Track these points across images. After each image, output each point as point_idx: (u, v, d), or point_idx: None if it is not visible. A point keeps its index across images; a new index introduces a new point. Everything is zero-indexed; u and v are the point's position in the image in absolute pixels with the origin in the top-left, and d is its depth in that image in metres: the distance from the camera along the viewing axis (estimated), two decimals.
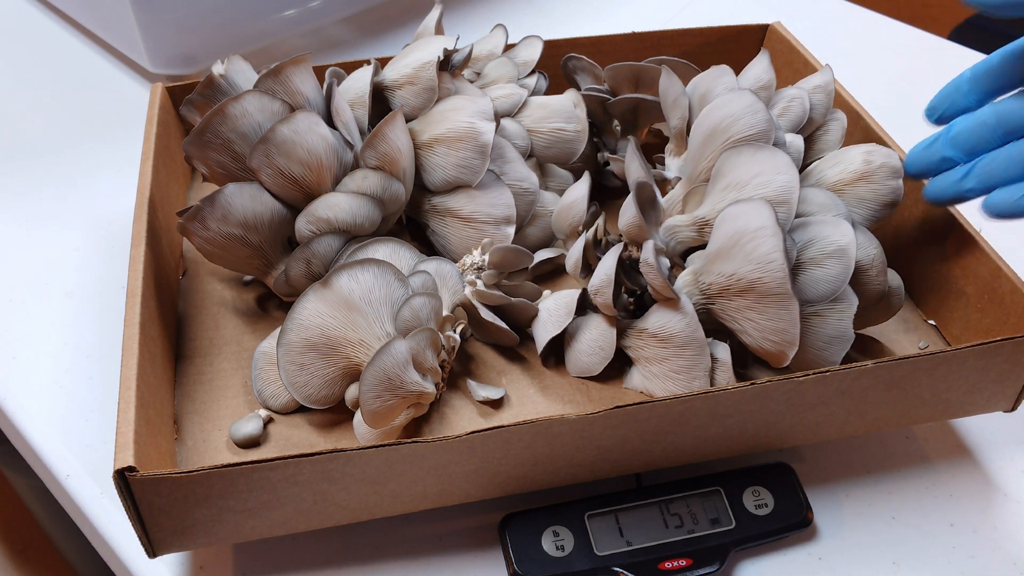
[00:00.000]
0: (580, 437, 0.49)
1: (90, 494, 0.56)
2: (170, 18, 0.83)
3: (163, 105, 0.69)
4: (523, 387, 0.59)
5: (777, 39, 0.80)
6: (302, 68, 0.61)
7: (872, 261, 0.58)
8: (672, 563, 0.51)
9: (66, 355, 0.63)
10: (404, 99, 0.65)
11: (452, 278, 0.60)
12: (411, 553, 0.53)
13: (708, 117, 0.61)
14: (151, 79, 0.90)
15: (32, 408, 0.60)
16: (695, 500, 0.53)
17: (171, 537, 0.47)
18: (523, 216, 0.65)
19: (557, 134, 0.68)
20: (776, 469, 0.55)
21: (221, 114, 0.57)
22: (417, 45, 0.67)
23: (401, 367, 0.52)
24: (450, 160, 0.62)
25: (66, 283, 0.69)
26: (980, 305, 0.59)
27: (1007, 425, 0.61)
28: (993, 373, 0.54)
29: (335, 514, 0.49)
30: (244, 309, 0.64)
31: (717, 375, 0.55)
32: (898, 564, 0.54)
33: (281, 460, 0.45)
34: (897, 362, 0.51)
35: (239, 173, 0.59)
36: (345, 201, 0.58)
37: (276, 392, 0.56)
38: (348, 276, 0.54)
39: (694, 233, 0.59)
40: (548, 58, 0.74)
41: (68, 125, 0.85)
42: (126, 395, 0.47)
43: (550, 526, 0.52)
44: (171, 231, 0.65)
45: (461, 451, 0.47)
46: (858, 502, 0.57)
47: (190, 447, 0.54)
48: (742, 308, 0.54)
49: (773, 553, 0.54)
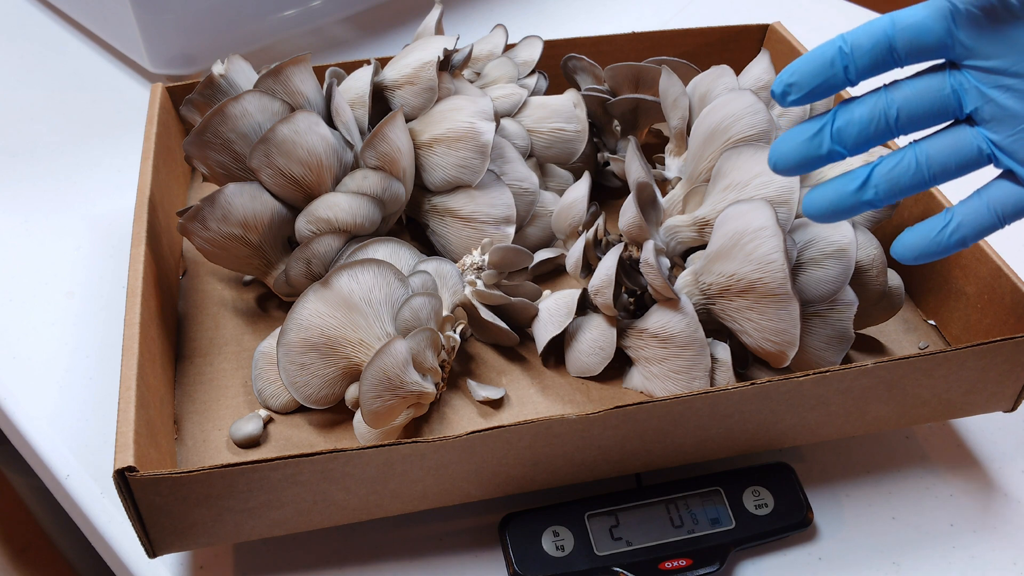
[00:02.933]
0: (580, 437, 0.49)
1: (90, 494, 0.56)
2: (170, 18, 0.83)
3: (163, 105, 0.69)
4: (523, 387, 0.59)
5: (777, 39, 0.80)
6: (302, 68, 0.61)
7: (872, 261, 0.58)
8: (672, 563, 0.51)
9: (66, 355, 0.63)
10: (404, 99, 0.65)
11: (452, 278, 0.60)
12: (411, 553, 0.53)
13: (708, 117, 0.61)
14: (151, 79, 0.90)
15: (32, 408, 0.60)
16: (695, 500, 0.53)
17: (171, 537, 0.47)
18: (523, 216, 0.65)
19: (557, 134, 0.68)
20: (776, 469, 0.55)
21: (221, 114, 0.57)
22: (417, 45, 0.67)
23: (401, 367, 0.52)
24: (450, 160, 0.62)
25: (66, 283, 0.69)
26: (980, 305, 0.59)
27: (1007, 425, 0.61)
28: (993, 373, 0.54)
29: (335, 514, 0.49)
30: (244, 309, 0.64)
31: (717, 375, 0.55)
32: (898, 564, 0.54)
33: (281, 460, 0.45)
34: (897, 362, 0.51)
35: (239, 173, 0.59)
36: (345, 201, 0.58)
37: (276, 392, 0.56)
38: (348, 276, 0.54)
39: (694, 233, 0.59)
40: (548, 58, 0.74)
41: (68, 125, 0.85)
42: (126, 395, 0.47)
43: (550, 526, 0.52)
44: (171, 231, 0.65)
45: (461, 451, 0.47)
46: (858, 502, 0.57)
47: (190, 447, 0.54)
48: (742, 308, 0.54)
49: (773, 553, 0.54)
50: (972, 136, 0.45)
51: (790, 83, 0.45)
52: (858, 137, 0.45)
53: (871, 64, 0.44)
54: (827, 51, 0.44)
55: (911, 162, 0.45)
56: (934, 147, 0.45)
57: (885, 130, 0.45)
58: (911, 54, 0.44)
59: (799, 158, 0.46)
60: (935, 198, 0.62)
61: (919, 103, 0.45)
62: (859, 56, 0.44)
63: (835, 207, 0.47)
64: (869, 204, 0.46)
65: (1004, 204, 0.46)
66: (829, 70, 0.44)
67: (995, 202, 0.46)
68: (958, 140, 0.45)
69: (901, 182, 0.45)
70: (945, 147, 0.45)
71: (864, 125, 0.45)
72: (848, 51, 0.44)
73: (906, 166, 0.45)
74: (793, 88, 0.45)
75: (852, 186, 0.46)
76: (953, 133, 0.45)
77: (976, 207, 0.46)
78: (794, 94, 0.45)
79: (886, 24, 0.44)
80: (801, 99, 0.45)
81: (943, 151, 0.45)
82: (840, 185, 0.46)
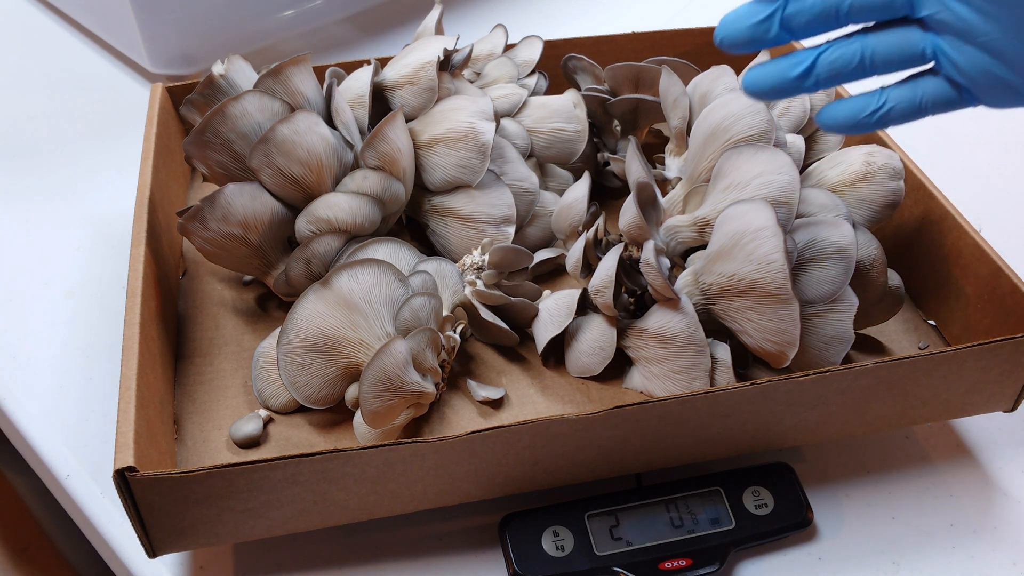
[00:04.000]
0: (580, 437, 0.49)
1: (90, 494, 0.56)
2: (170, 18, 0.83)
3: (163, 105, 0.69)
4: (523, 387, 0.59)
5: None
6: (302, 68, 0.61)
7: (872, 261, 0.58)
8: (672, 563, 0.51)
9: (66, 355, 0.63)
10: (404, 99, 0.65)
11: (452, 278, 0.60)
12: (411, 553, 0.53)
13: (709, 117, 0.61)
14: (151, 79, 0.90)
15: (32, 408, 0.60)
16: (695, 500, 0.53)
17: (171, 537, 0.47)
18: (523, 216, 0.65)
19: (557, 134, 0.68)
20: (776, 469, 0.55)
21: (221, 114, 0.57)
22: (417, 45, 0.67)
23: (401, 367, 0.52)
24: (450, 160, 0.62)
25: (66, 283, 0.69)
26: (980, 305, 0.59)
27: (1007, 425, 0.61)
28: (993, 373, 0.54)
29: (335, 514, 0.49)
30: (244, 309, 0.64)
31: (717, 375, 0.55)
32: (898, 564, 0.54)
33: (281, 460, 0.45)
34: (897, 362, 0.51)
35: (239, 173, 0.59)
36: (345, 201, 0.58)
37: (276, 392, 0.56)
38: (348, 276, 0.54)
39: (695, 233, 0.59)
40: (548, 58, 0.74)
41: (68, 125, 0.85)
42: (126, 395, 0.47)
43: (550, 526, 0.52)
44: (171, 231, 0.65)
45: (461, 451, 0.47)
46: (858, 502, 0.57)
47: (190, 447, 0.54)
48: (742, 308, 0.54)
49: (773, 553, 0.54)
50: (920, 39, 0.45)
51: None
52: (807, 25, 0.46)
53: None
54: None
55: (855, 55, 0.46)
56: (881, 43, 0.46)
57: (834, 19, 0.45)
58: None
59: (746, 38, 0.47)
60: (935, 198, 0.62)
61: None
62: None
63: (775, 89, 0.48)
64: (809, 89, 0.47)
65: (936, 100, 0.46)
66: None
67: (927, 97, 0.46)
68: (906, 40, 0.46)
69: (843, 72, 0.46)
70: (892, 44, 0.46)
71: (815, 14, 0.45)
72: None
73: (850, 57, 0.46)
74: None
75: (795, 72, 0.47)
76: (902, 32, 0.46)
77: (908, 97, 0.46)
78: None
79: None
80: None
81: (889, 48, 0.46)
82: (784, 69, 0.47)
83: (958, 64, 0.44)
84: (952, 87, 0.46)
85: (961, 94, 0.46)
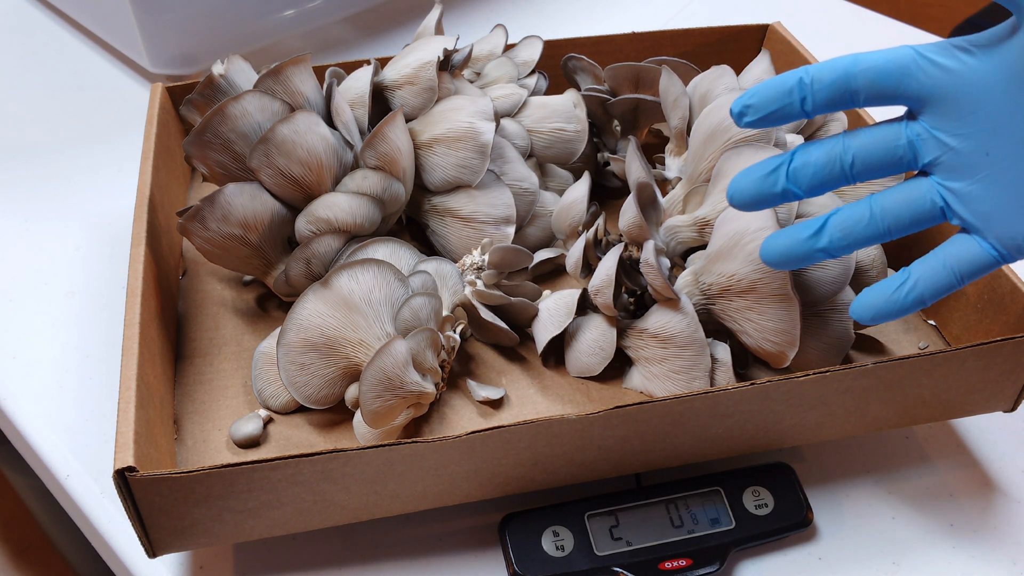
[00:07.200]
0: (580, 437, 0.49)
1: (90, 494, 0.56)
2: (170, 18, 0.83)
3: (163, 105, 0.69)
4: (523, 387, 0.59)
5: (777, 39, 0.80)
6: (302, 68, 0.61)
7: (872, 261, 0.58)
8: (672, 563, 0.51)
9: (66, 355, 0.63)
10: (404, 99, 0.65)
11: (452, 278, 0.60)
12: (411, 553, 0.53)
13: (709, 117, 0.61)
14: (151, 79, 0.90)
15: (32, 408, 0.60)
16: (695, 500, 0.53)
17: (171, 537, 0.47)
18: (523, 216, 0.65)
19: (557, 134, 0.68)
20: (776, 469, 0.55)
21: (221, 114, 0.57)
22: (417, 45, 0.67)
23: (401, 367, 0.52)
24: (450, 160, 0.62)
25: (66, 283, 0.69)
26: (980, 305, 0.59)
27: (1007, 425, 0.61)
28: (993, 373, 0.54)
29: (335, 514, 0.49)
30: (244, 309, 0.64)
31: (717, 375, 0.55)
32: (898, 564, 0.54)
33: (281, 460, 0.45)
34: (897, 362, 0.51)
35: (239, 173, 0.59)
36: (345, 201, 0.58)
37: (276, 392, 0.56)
38: (348, 276, 0.54)
39: (695, 233, 0.59)
40: (548, 58, 0.74)
41: (68, 125, 0.85)
42: (126, 395, 0.47)
43: (550, 526, 0.52)
44: (171, 231, 0.65)
45: (461, 451, 0.47)
46: (858, 502, 0.57)
47: (190, 447, 0.54)
48: (742, 308, 0.54)
49: (773, 553, 0.54)
50: (927, 189, 0.44)
51: (748, 104, 0.45)
52: (812, 179, 0.45)
53: (829, 99, 0.44)
54: (788, 80, 0.44)
55: (865, 212, 0.45)
56: (889, 199, 0.45)
57: (840, 175, 0.45)
58: (871, 97, 0.44)
59: (754, 194, 0.46)
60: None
61: (874, 151, 0.45)
62: (818, 89, 0.44)
63: (789, 254, 0.47)
64: (824, 252, 0.46)
65: (961, 262, 0.45)
66: (787, 98, 0.44)
67: (952, 260, 0.45)
68: (913, 193, 0.45)
69: (855, 232, 0.45)
70: (900, 199, 0.45)
71: (819, 168, 0.45)
72: (808, 83, 0.44)
73: (859, 216, 0.45)
74: (750, 110, 0.45)
75: (806, 233, 0.46)
76: (910, 185, 0.45)
77: (933, 265, 0.45)
78: (750, 116, 0.45)
79: (849, 63, 0.44)
80: (756, 122, 0.45)
81: (897, 203, 0.45)
82: (795, 232, 0.46)
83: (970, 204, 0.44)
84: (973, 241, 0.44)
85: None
